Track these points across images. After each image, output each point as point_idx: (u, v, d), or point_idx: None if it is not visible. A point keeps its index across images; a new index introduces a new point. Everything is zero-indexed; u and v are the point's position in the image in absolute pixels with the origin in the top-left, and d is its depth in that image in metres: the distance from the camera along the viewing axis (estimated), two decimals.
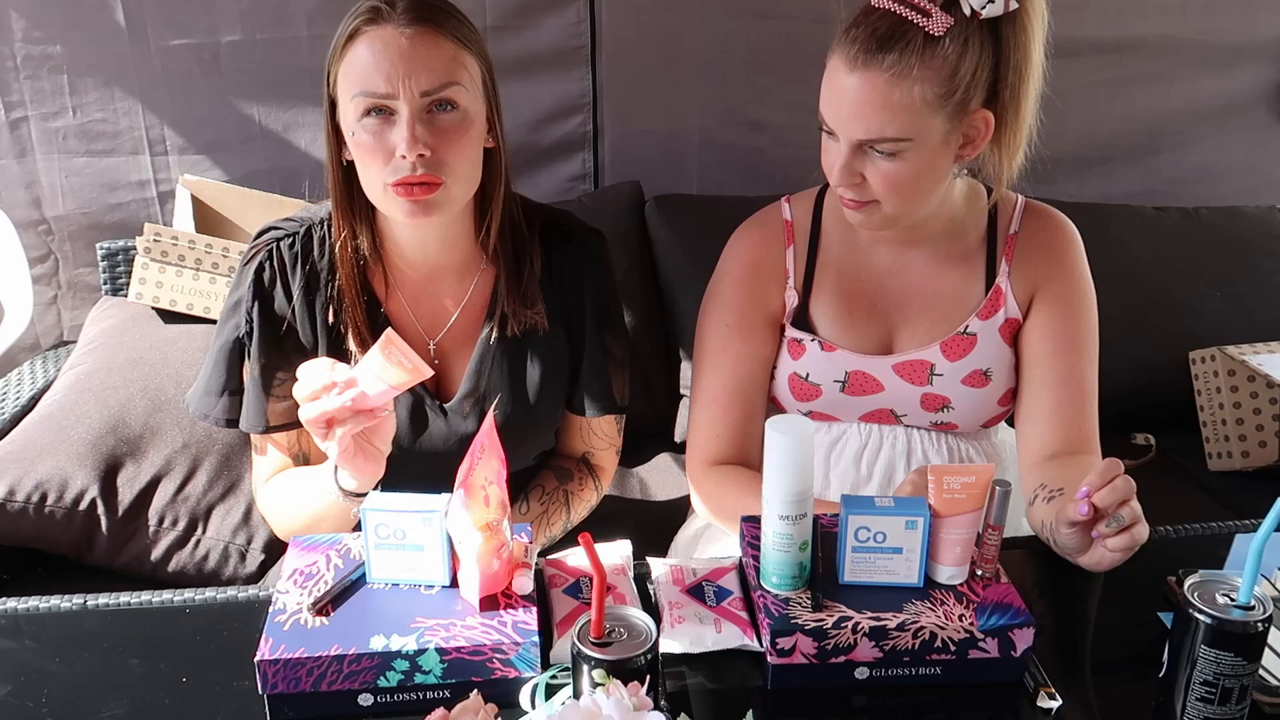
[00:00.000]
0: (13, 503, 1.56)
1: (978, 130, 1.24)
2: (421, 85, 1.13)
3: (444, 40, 1.15)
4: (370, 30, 1.14)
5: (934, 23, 1.16)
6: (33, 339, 2.14)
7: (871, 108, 1.18)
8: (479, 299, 1.31)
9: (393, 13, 1.14)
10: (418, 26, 1.13)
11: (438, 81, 1.13)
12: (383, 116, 1.14)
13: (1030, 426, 1.36)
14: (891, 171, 1.21)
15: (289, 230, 1.27)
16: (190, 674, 1.03)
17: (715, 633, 1.03)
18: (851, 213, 1.28)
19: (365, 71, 1.13)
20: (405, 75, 1.12)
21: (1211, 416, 2.04)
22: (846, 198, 1.26)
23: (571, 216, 1.37)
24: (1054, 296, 1.36)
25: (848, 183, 1.23)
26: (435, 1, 1.17)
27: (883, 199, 1.24)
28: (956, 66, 1.17)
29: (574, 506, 1.40)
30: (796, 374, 1.39)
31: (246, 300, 1.25)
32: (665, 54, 2.16)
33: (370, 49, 1.13)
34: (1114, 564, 1.08)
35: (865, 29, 1.17)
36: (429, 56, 1.13)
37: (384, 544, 1.03)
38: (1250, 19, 2.36)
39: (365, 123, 1.14)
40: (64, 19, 1.93)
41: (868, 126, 1.19)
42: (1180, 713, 0.93)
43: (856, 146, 1.21)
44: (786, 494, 1.00)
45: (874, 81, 1.17)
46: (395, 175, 1.14)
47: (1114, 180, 2.43)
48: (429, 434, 1.30)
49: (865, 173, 1.22)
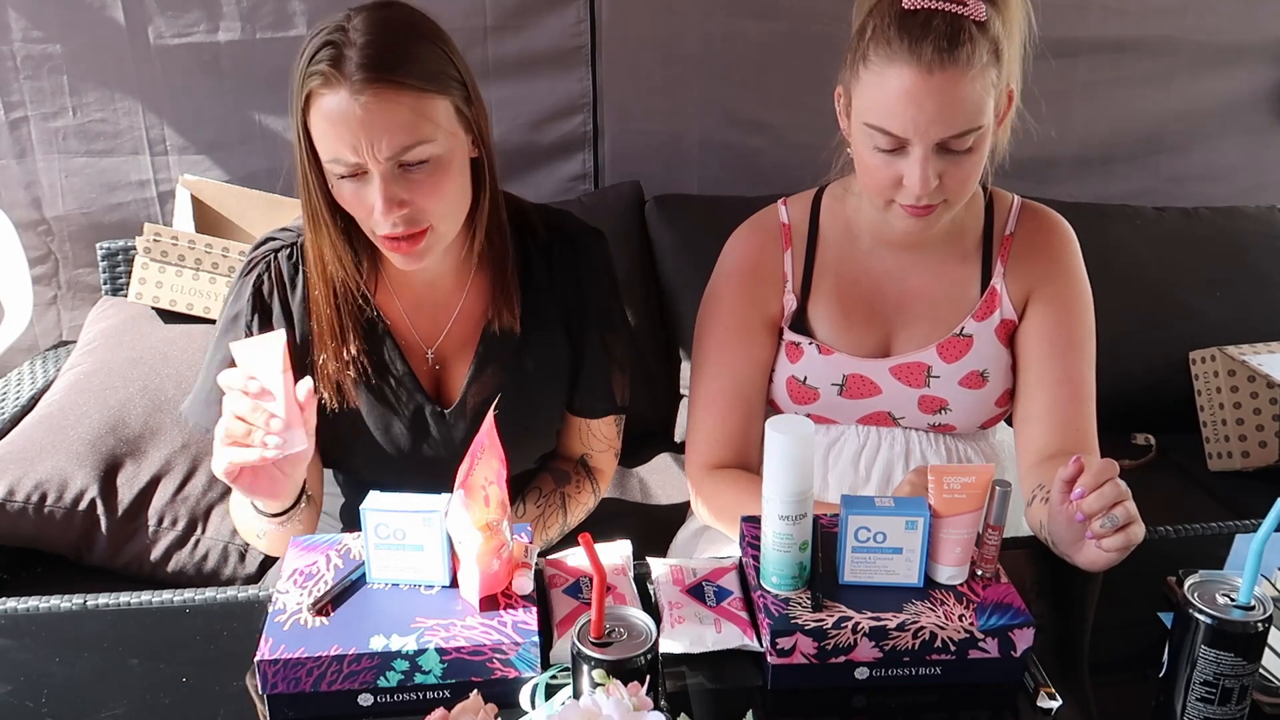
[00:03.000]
0: (13, 503, 1.56)
1: (1003, 105, 1.25)
2: (385, 152, 1.08)
3: (403, 95, 1.08)
4: (325, 94, 1.08)
5: (973, 8, 1.17)
6: (32, 339, 2.14)
7: (957, 105, 1.17)
8: (475, 304, 1.30)
9: (342, 76, 1.06)
10: (372, 89, 1.06)
11: (401, 145, 1.09)
12: (357, 178, 1.12)
13: (1028, 428, 1.36)
14: (970, 163, 1.21)
15: (286, 241, 1.27)
16: (190, 674, 1.03)
17: (715, 633, 1.03)
18: (916, 220, 1.25)
19: (327, 139, 1.09)
20: (368, 144, 1.08)
21: (1211, 417, 2.04)
22: (920, 205, 1.23)
23: (571, 216, 1.36)
24: (1050, 297, 1.36)
25: (929, 189, 1.20)
26: (392, 41, 1.09)
27: (952, 196, 1.23)
28: (999, 43, 1.19)
29: (571, 510, 1.39)
30: (794, 377, 1.39)
31: (246, 314, 1.24)
32: (665, 54, 2.16)
33: (328, 119, 1.08)
34: (1110, 564, 1.08)
35: (921, 31, 1.15)
36: (389, 121, 1.08)
37: (384, 544, 1.03)
38: (1250, 19, 2.36)
39: (343, 184, 1.13)
40: (64, 19, 1.94)
41: (951, 124, 1.17)
42: (1180, 713, 0.93)
43: (936, 149, 1.19)
44: (786, 494, 1.00)
45: (957, 80, 1.16)
46: (380, 230, 1.13)
47: (1114, 180, 2.43)
48: (429, 440, 1.30)
49: (944, 175, 1.20)
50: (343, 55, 1.07)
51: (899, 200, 1.24)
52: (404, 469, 1.29)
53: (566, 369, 1.35)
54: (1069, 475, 1.08)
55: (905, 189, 1.22)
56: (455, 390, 1.31)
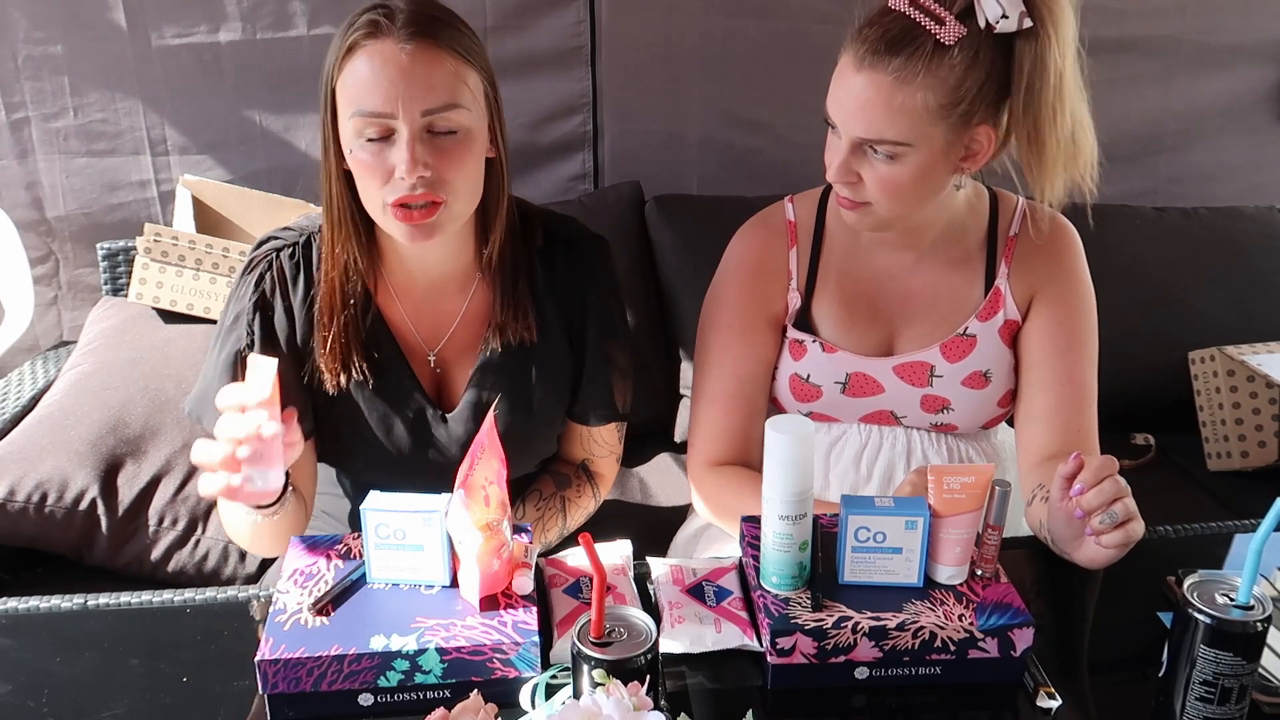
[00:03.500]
0: (13, 503, 1.56)
1: (980, 145, 1.23)
2: (422, 105, 1.09)
3: (445, 56, 1.10)
4: (369, 45, 1.09)
5: (947, 31, 1.15)
6: (33, 339, 2.14)
7: (874, 108, 1.18)
8: (479, 309, 1.30)
9: (392, 26, 1.09)
10: (418, 41, 1.09)
11: (439, 102, 1.10)
12: (381, 135, 1.11)
13: (1029, 428, 1.36)
14: (888, 174, 1.22)
15: (289, 240, 1.26)
16: (190, 674, 1.03)
17: (715, 633, 1.03)
18: (846, 212, 1.29)
19: (364, 88, 1.10)
20: (405, 94, 1.09)
21: (1211, 416, 2.04)
22: (841, 195, 1.27)
23: (574, 222, 1.35)
24: (1053, 298, 1.36)
25: (843, 180, 1.24)
26: (438, 13, 1.13)
27: (875, 201, 1.25)
28: (963, 78, 1.17)
29: (571, 513, 1.39)
30: (797, 375, 1.39)
31: (248, 313, 1.23)
32: (665, 54, 2.17)
33: (369, 64, 1.09)
34: (1109, 561, 1.08)
35: (878, 29, 1.18)
36: (430, 74, 1.09)
37: (384, 544, 1.03)
38: (1250, 19, 2.36)
39: (364, 150, 1.11)
40: (65, 19, 1.94)
41: (868, 126, 1.19)
42: (1180, 712, 0.93)
43: (856, 145, 1.22)
44: (786, 494, 1.00)
45: (879, 83, 1.17)
46: (394, 194, 1.11)
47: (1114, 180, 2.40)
48: (431, 444, 1.30)
49: (862, 172, 1.23)
50: (392, 14, 1.10)
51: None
52: (405, 472, 1.29)
53: (568, 375, 1.34)
54: (1068, 472, 1.09)
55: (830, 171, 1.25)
56: (456, 394, 1.31)
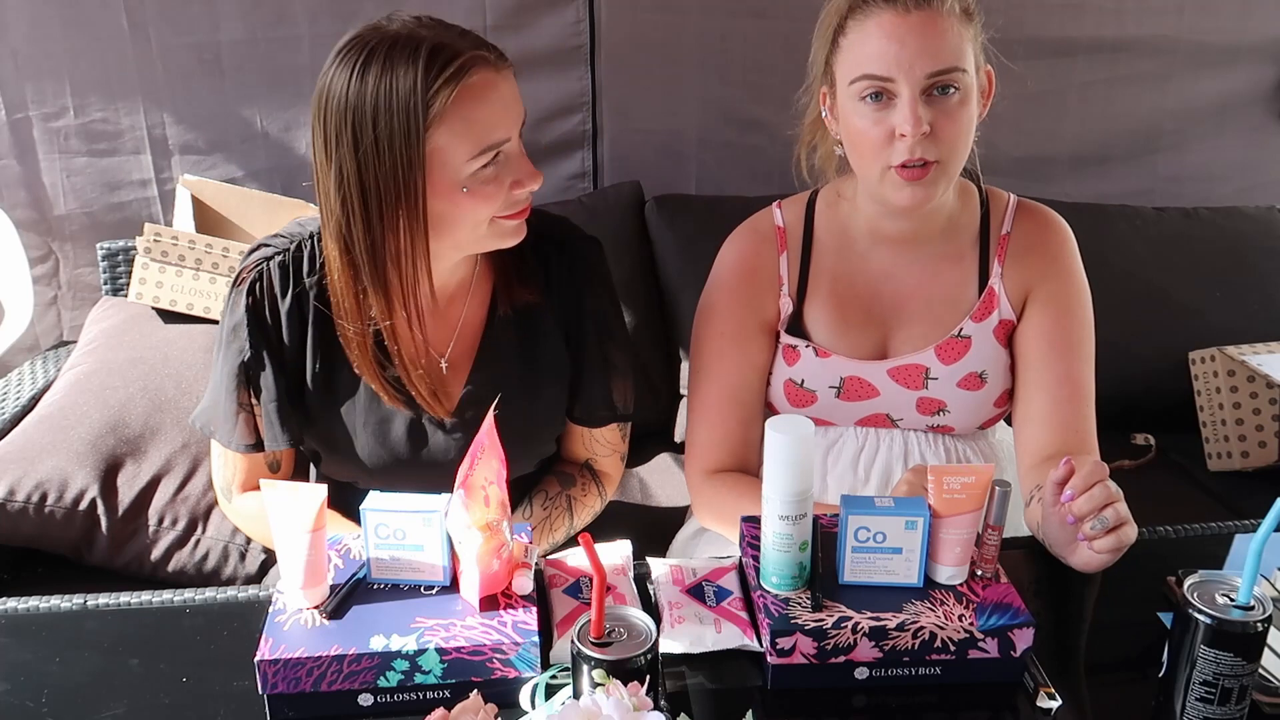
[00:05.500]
0: (13, 503, 1.56)
1: (987, 84, 1.28)
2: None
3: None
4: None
5: None
6: (33, 339, 2.14)
7: (939, 41, 1.19)
8: (477, 313, 1.30)
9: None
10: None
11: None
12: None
13: (1027, 428, 1.36)
14: (960, 115, 1.21)
15: (279, 248, 1.25)
16: (190, 674, 1.03)
17: (715, 633, 1.03)
18: (913, 187, 1.23)
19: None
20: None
21: (1211, 416, 2.04)
22: (914, 157, 1.21)
23: (566, 223, 1.35)
24: (1048, 297, 1.35)
25: (920, 133, 1.19)
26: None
27: (945, 154, 1.22)
28: (971, 10, 1.24)
29: (577, 512, 1.38)
30: (792, 380, 1.39)
31: (244, 325, 1.23)
32: (665, 54, 2.17)
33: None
34: (1103, 565, 1.08)
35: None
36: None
37: (384, 544, 1.03)
38: (1248, 19, 2.36)
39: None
40: (65, 19, 1.94)
41: (937, 58, 1.19)
42: (1180, 713, 0.93)
43: (926, 90, 1.20)
44: (786, 494, 1.00)
45: (934, 18, 1.20)
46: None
47: (1112, 180, 2.43)
48: (429, 447, 1.30)
49: (933, 122, 1.20)
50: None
51: (893, 162, 1.22)
52: (404, 475, 1.29)
53: (566, 376, 1.34)
54: (1059, 478, 1.09)
55: (898, 144, 1.21)
56: (454, 399, 1.31)
